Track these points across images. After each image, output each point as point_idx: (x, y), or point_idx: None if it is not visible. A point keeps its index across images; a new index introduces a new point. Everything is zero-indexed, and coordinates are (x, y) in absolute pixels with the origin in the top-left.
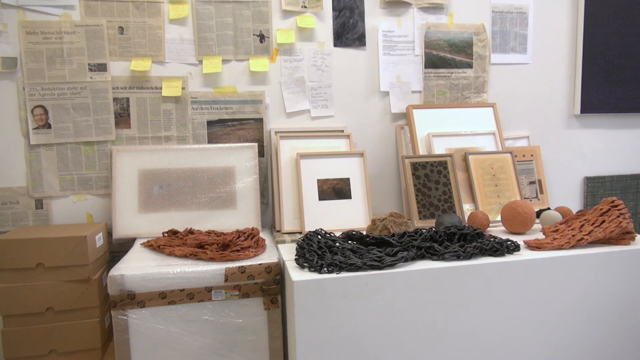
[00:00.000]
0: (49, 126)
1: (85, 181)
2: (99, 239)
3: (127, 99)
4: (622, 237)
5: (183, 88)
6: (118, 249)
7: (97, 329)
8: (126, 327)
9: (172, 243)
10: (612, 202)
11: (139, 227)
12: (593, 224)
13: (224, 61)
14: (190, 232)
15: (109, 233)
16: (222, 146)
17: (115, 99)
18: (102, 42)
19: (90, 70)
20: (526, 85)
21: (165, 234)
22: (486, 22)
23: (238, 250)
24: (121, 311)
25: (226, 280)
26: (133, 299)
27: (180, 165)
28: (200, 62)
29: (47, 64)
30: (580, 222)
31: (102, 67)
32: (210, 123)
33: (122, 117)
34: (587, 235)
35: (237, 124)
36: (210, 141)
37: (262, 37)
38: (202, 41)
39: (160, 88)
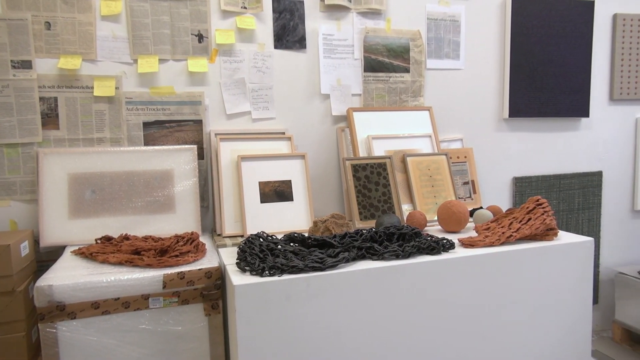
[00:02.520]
0: None
1: (8, 186)
2: (24, 248)
3: (55, 99)
4: (546, 234)
5: (117, 88)
6: (46, 257)
7: (23, 343)
8: (55, 340)
9: (105, 250)
10: (537, 200)
11: (69, 234)
12: (520, 221)
13: (161, 61)
14: (126, 238)
15: (35, 241)
16: (159, 148)
17: (41, 99)
18: (26, 37)
19: (14, 67)
20: (459, 90)
21: (99, 241)
22: (422, 28)
23: (177, 256)
24: (49, 324)
25: (164, 287)
26: (63, 311)
27: (115, 169)
28: (135, 61)
29: None
30: (509, 220)
31: (26, 64)
32: (146, 124)
33: (50, 118)
34: (515, 232)
35: (175, 126)
36: (146, 143)
37: (200, 37)
38: (137, 39)
39: (92, 87)
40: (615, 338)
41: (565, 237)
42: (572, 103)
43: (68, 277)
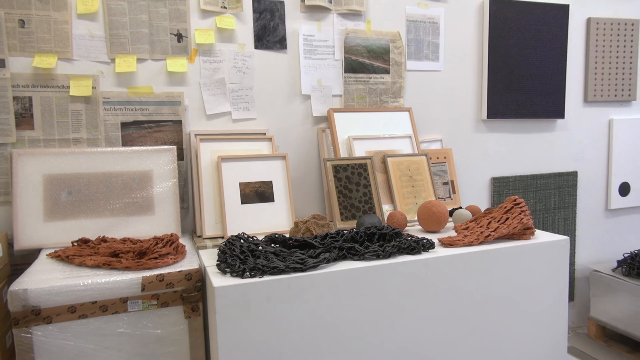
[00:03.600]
0: None
1: None
2: None
3: (30, 98)
4: (523, 233)
5: (94, 87)
6: (21, 261)
7: None
8: (30, 345)
9: (82, 253)
10: (515, 200)
11: (45, 236)
12: (499, 220)
13: (139, 60)
14: (104, 240)
15: (9, 244)
16: (137, 149)
17: (15, 98)
18: None
19: None
20: (439, 91)
21: (75, 243)
22: (402, 30)
23: (156, 258)
24: (24, 329)
25: (143, 289)
26: (38, 315)
27: (92, 170)
28: (113, 60)
29: None
30: (487, 219)
31: None
32: (124, 125)
33: (24, 118)
34: (493, 231)
35: (154, 126)
36: (124, 144)
37: (179, 37)
38: (115, 38)
39: (68, 87)
40: (590, 334)
41: (541, 236)
42: (548, 104)
43: (43, 280)
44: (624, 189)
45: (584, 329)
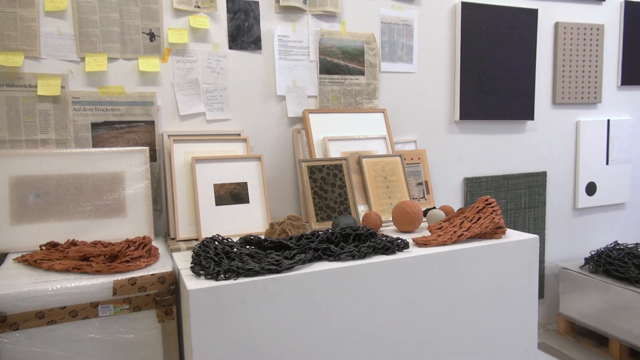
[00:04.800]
0: None
1: None
2: None
3: None
4: (495, 232)
5: (62, 87)
6: None
7: None
8: None
9: (51, 257)
10: (487, 200)
11: (11, 240)
12: (471, 220)
13: (110, 59)
14: (73, 243)
15: None
16: (109, 150)
17: None
18: None
19: None
20: (413, 93)
21: (44, 247)
22: (376, 32)
23: (128, 261)
24: None
25: (115, 293)
26: (4, 322)
27: (61, 171)
28: (83, 59)
29: None
30: (460, 219)
31: None
32: (95, 125)
33: None
34: (466, 231)
35: (126, 127)
36: (95, 145)
37: (152, 36)
38: (85, 37)
39: (36, 86)
40: (560, 330)
41: (512, 235)
42: (519, 106)
43: (10, 286)
44: (590, 189)
45: (553, 325)
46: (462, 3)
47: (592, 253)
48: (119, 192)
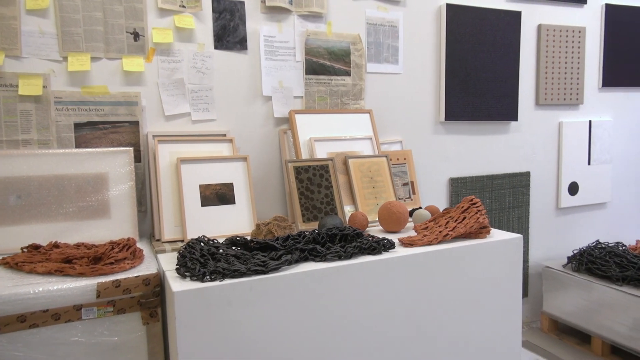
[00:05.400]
0: None
1: None
2: None
3: None
4: (480, 231)
5: (44, 86)
6: None
7: None
8: None
9: (33, 259)
10: (471, 200)
11: None
12: (456, 220)
13: (93, 59)
14: (56, 245)
15: None
16: (92, 151)
17: None
18: None
19: None
20: (398, 94)
21: (25, 250)
22: (362, 33)
23: (112, 263)
24: None
25: (98, 296)
26: None
27: (43, 172)
28: (65, 58)
29: None
30: (445, 219)
31: None
32: (78, 126)
33: None
34: (451, 231)
35: (110, 127)
36: (78, 145)
37: (136, 35)
38: (67, 36)
39: (17, 86)
40: (544, 328)
41: (497, 235)
42: (503, 107)
43: None
44: (573, 189)
45: (537, 324)
46: (447, 5)
47: (575, 252)
48: (102, 193)
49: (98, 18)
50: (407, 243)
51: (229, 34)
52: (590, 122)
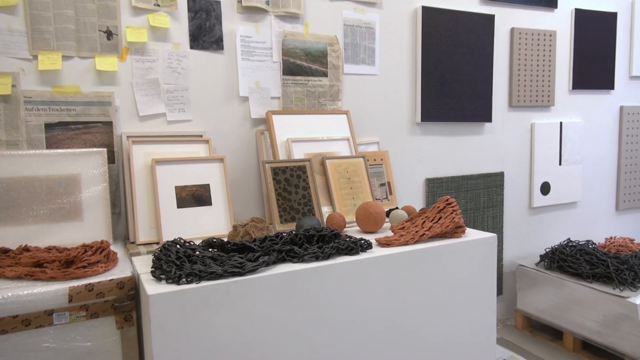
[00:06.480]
0: None
1: None
2: None
3: None
4: (455, 231)
5: (13, 86)
6: None
7: None
8: None
9: (1, 263)
10: (447, 200)
11: None
12: (432, 220)
13: (65, 57)
14: (26, 249)
15: None
16: (64, 152)
17: None
18: None
19: None
20: (375, 95)
21: None
22: (339, 34)
23: (84, 267)
24: None
25: (70, 300)
26: None
27: (12, 174)
28: (35, 57)
29: None
30: (422, 219)
31: None
32: (49, 126)
33: None
34: (427, 230)
35: (82, 128)
36: (49, 146)
37: (109, 34)
38: (37, 34)
39: None
40: (518, 325)
41: (471, 234)
42: (477, 109)
43: None
44: (545, 188)
45: (511, 321)
46: (423, 7)
47: (547, 250)
48: (74, 195)
49: (69, 16)
50: (384, 243)
51: (205, 33)
52: (561, 123)
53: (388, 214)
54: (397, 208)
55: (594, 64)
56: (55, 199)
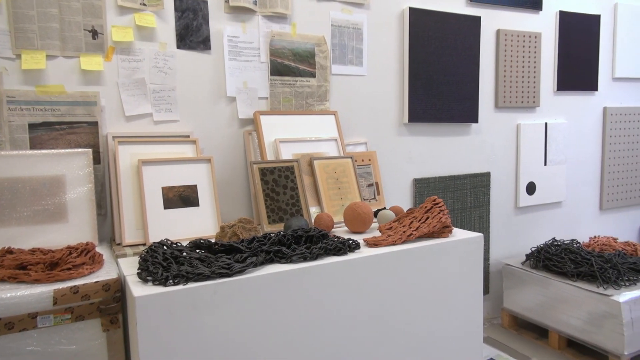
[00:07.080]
0: None
1: None
2: None
3: None
4: (442, 231)
5: None
6: None
7: None
8: None
9: None
10: (434, 200)
11: None
12: (420, 220)
13: (49, 57)
14: (9, 251)
15: None
16: (48, 152)
17: None
18: None
19: None
20: (363, 96)
21: None
22: (326, 34)
23: (69, 269)
24: None
25: (55, 303)
26: None
27: None
28: (19, 56)
29: None
30: (409, 219)
31: None
32: (32, 126)
33: None
34: (415, 230)
35: (67, 128)
36: (33, 147)
37: (95, 33)
38: (21, 33)
39: None
40: (504, 324)
41: (459, 234)
42: (464, 110)
43: None
44: (530, 188)
45: (498, 320)
46: (410, 9)
47: (532, 249)
48: (59, 197)
49: (54, 15)
50: (372, 243)
51: (192, 33)
52: (546, 124)
53: (376, 214)
54: (385, 208)
55: (578, 66)
56: (40, 200)
